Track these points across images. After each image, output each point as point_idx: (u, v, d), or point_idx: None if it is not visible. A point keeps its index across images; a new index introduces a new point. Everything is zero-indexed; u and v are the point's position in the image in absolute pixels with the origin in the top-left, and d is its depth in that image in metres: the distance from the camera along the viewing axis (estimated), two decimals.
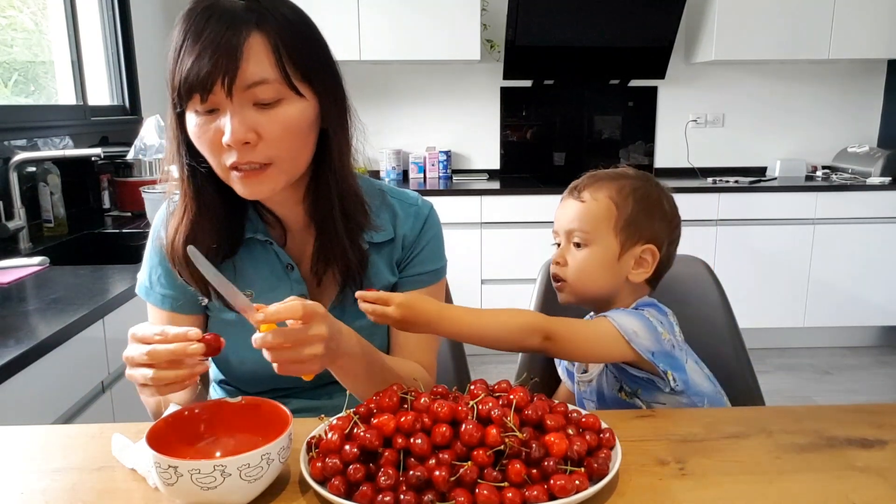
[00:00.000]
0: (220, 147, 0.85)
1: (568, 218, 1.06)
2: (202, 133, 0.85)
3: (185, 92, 0.82)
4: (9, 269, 1.75)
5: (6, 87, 2.40)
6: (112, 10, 2.92)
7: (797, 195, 3.33)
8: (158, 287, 1.01)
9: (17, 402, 1.20)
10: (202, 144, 0.86)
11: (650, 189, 1.07)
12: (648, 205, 1.05)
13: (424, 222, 1.06)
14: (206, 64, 0.80)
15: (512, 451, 0.70)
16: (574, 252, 1.05)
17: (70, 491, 0.76)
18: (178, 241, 0.93)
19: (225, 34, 0.81)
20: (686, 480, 0.76)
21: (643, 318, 0.98)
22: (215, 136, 0.84)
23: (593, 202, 1.04)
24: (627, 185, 1.05)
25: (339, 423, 0.76)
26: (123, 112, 3.01)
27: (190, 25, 0.82)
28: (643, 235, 1.04)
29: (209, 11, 0.82)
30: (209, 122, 0.84)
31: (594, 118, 3.86)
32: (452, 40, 3.35)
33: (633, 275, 1.05)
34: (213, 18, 0.81)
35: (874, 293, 3.42)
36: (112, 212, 2.67)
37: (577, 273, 1.04)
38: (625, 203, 1.04)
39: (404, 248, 1.05)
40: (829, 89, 3.81)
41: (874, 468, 0.79)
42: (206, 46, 0.80)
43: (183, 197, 0.93)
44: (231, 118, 0.82)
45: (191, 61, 0.80)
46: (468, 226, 3.29)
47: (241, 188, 0.89)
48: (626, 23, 3.49)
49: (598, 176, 1.08)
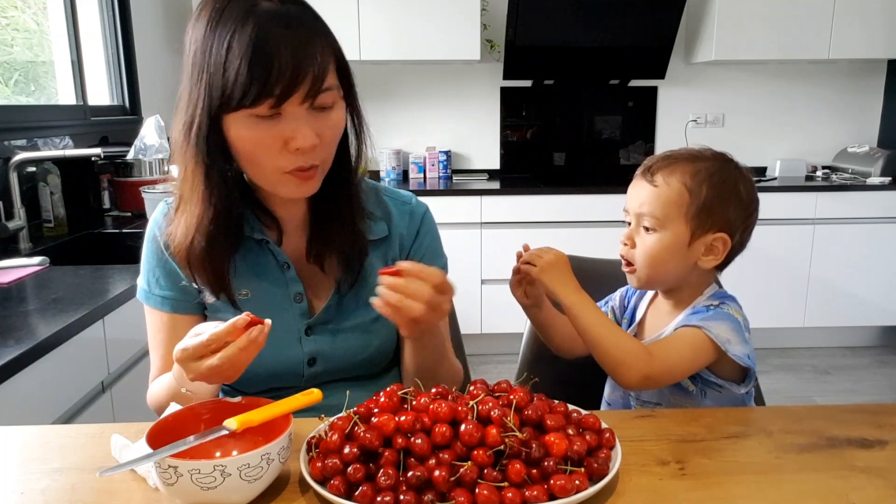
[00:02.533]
0: (279, 151, 0.86)
1: (639, 200, 1.02)
2: (262, 137, 0.85)
3: (261, 97, 0.80)
4: (9, 269, 1.75)
5: (6, 87, 2.40)
6: (112, 10, 2.92)
7: (797, 195, 3.33)
8: (157, 289, 1.01)
9: (17, 402, 1.20)
10: (259, 148, 0.86)
11: (727, 173, 1.02)
12: (723, 191, 1.01)
13: (421, 222, 1.08)
14: (293, 73, 0.81)
15: (512, 451, 0.70)
16: (643, 235, 1.03)
17: (70, 491, 0.76)
18: (196, 243, 0.92)
19: (307, 43, 0.82)
20: (686, 480, 0.76)
21: (733, 321, 0.99)
22: (277, 140, 0.85)
23: (665, 187, 1.00)
24: (703, 168, 1.01)
25: (339, 423, 0.76)
26: (123, 112, 3.01)
27: (259, 27, 0.80)
28: (716, 223, 1.01)
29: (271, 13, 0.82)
30: (270, 127, 0.84)
31: (594, 118, 3.86)
32: (452, 40, 3.35)
33: (702, 261, 1.03)
34: (284, 24, 0.82)
35: (874, 293, 3.42)
36: (112, 212, 2.67)
37: (645, 258, 1.02)
38: (699, 189, 1.00)
39: (402, 247, 1.06)
40: (829, 89, 3.81)
41: (874, 468, 0.79)
42: (291, 55, 0.80)
43: (203, 201, 0.90)
44: (303, 123, 0.84)
45: (276, 69, 0.80)
46: (468, 226, 3.29)
47: (294, 189, 0.91)
48: (626, 23, 3.49)
49: (673, 157, 1.03)
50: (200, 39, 0.83)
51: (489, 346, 3.38)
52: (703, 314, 1.00)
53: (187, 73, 0.86)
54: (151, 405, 1.02)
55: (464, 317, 2.44)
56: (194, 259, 0.93)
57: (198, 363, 0.78)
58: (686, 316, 1.03)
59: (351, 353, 1.03)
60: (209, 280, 0.95)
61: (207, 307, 1.02)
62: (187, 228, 0.92)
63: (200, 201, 0.90)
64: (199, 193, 0.90)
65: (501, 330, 3.33)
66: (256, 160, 0.87)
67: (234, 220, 0.94)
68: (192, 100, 0.85)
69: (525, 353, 1.30)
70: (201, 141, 0.86)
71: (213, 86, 0.82)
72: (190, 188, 0.90)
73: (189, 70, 0.85)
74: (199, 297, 1.01)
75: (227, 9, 0.82)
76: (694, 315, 1.01)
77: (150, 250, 1.02)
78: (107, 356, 1.52)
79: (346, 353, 1.02)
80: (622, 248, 1.05)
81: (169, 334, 1.00)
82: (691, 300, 1.06)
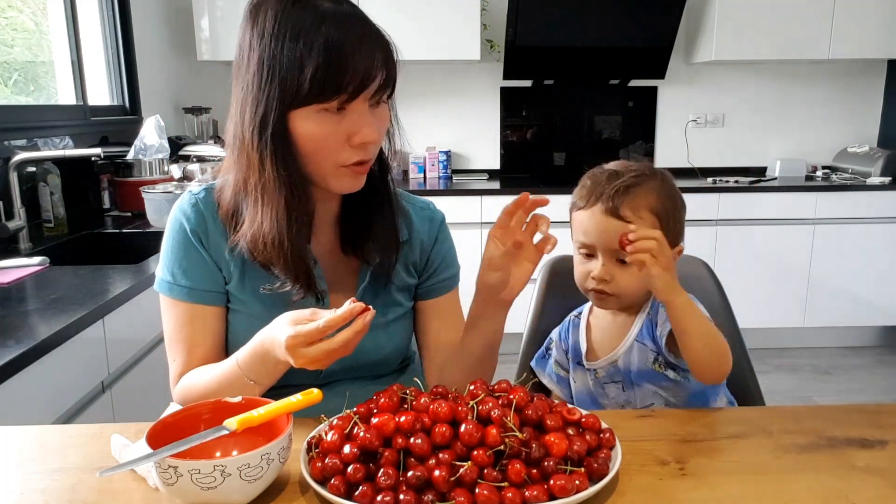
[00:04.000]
0: (342, 145, 0.89)
1: (612, 237, 0.99)
2: (330, 132, 0.88)
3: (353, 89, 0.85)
4: (9, 269, 1.75)
5: (6, 87, 2.40)
6: (112, 10, 2.92)
7: (797, 195, 3.33)
8: (183, 280, 0.98)
9: (17, 402, 1.20)
10: (324, 143, 0.88)
11: (672, 186, 1.07)
12: (677, 205, 1.06)
13: (439, 229, 1.11)
14: (364, 70, 0.85)
15: (512, 451, 0.70)
16: (621, 269, 1.03)
17: (70, 491, 0.76)
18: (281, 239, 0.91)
19: (380, 39, 0.89)
20: (686, 480, 0.76)
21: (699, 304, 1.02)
22: (341, 134, 0.88)
23: (639, 220, 1.01)
24: (658, 188, 1.04)
25: (339, 423, 0.76)
26: (123, 112, 3.01)
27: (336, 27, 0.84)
28: (674, 236, 1.04)
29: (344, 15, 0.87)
30: (337, 121, 0.88)
31: (594, 118, 3.86)
32: (452, 40, 3.35)
33: None
34: (359, 21, 0.88)
35: (874, 293, 3.42)
36: (112, 212, 2.67)
37: (627, 288, 1.04)
38: (664, 211, 1.03)
39: (422, 252, 1.09)
40: (829, 89, 3.81)
41: (874, 468, 0.79)
42: (373, 45, 0.87)
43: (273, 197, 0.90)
44: (371, 118, 0.89)
45: (353, 64, 0.84)
46: (468, 226, 3.28)
47: (348, 183, 0.93)
48: (626, 23, 3.49)
49: (628, 186, 1.03)
50: (267, 39, 0.85)
51: None
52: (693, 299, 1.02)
53: (252, 73, 0.87)
54: (187, 401, 0.97)
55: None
56: (283, 253, 0.92)
57: (309, 349, 0.79)
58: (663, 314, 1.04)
59: (368, 353, 1.03)
60: (296, 271, 0.94)
61: (231, 299, 1.00)
62: (272, 221, 0.91)
63: (281, 194, 0.90)
64: (280, 185, 0.90)
65: None
66: (320, 153, 0.89)
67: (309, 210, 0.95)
68: (262, 97, 0.87)
69: (525, 353, 1.30)
70: (276, 135, 0.87)
71: (288, 82, 0.85)
72: (268, 182, 0.90)
73: (255, 69, 0.87)
74: (224, 287, 0.99)
75: (290, 10, 0.85)
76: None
77: (177, 241, 0.99)
78: (107, 356, 1.52)
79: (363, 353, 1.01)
80: (599, 284, 1.04)
81: (196, 326, 0.98)
82: (640, 306, 1.09)
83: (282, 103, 0.86)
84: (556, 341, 1.20)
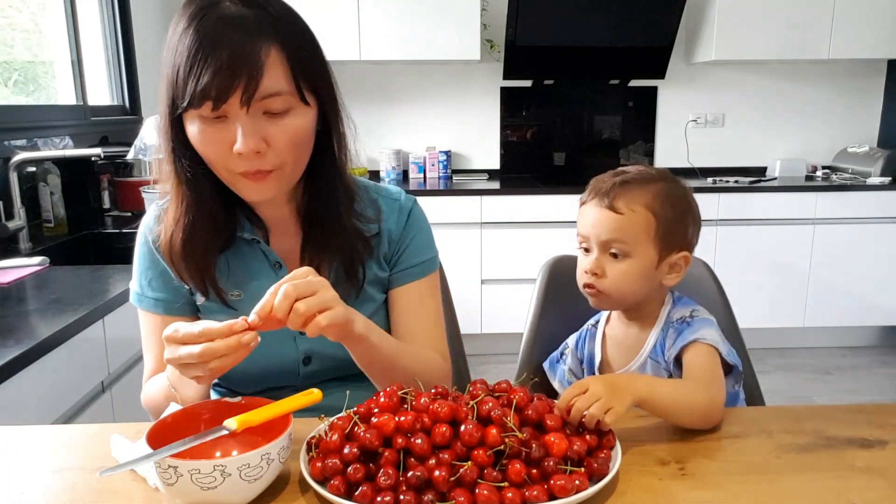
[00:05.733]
0: (227, 153, 0.86)
1: (604, 228, 1.02)
2: (208, 139, 0.86)
3: (197, 99, 0.82)
4: (9, 269, 1.75)
5: (6, 87, 2.40)
6: (112, 10, 2.92)
7: (797, 195, 3.33)
8: (150, 291, 1.01)
9: (17, 402, 1.20)
10: (207, 150, 0.87)
11: (679, 191, 1.05)
12: (681, 210, 1.04)
13: (408, 216, 1.08)
14: (226, 75, 0.81)
15: (512, 451, 0.70)
16: (613, 263, 1.03)
17: (70, 491, 0.76)
18: (175, 240, 0.94)
19: (245, 45, 0.81)
20: (686, 480, 0.76)
21: (713, 324, 1.01)
22: (223, 142, 0.85)
23: (631, 213, 1.01)
24: (660, 190, 1.03)
25: (339, 423, 0.76)
26: (123, 112, 3.01)
27: (204, 29, 0.81)
28: (678, 242, 1.04)
29: (221, 17, 0.82)
30: (216, 129, 0.85)
31: (594, 118, 3.86)
32: (452, 40, 3.35)
33: (667, 279, 1.05)
34: (229, 26, 0.82)
35: (874, 293, 3.42)
36: (112, 212, 2.67)
37: (617, 285, 1.03)
38: (662, 212, 1.01)
39: (390, 242, 1.06)
40: (829, 89, 3.81)
41: (874, 468, 0.79)
42: (227, 56, 0.80)
43: (179, 197, 0.93)
44: (243, 128, 0.84)
45: (210, 70, 0.80)
46: (468, 226, 3.28)
47: (248, 192, 0.91)
48: (626, 23, 3.48)
49: (626, 181, 1.03)
50: (169, 40, 0.86)
51: (489, 346, 3.38)
52: (689, 329, 1.01)
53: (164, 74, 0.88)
54: (146, 406, 1.02)
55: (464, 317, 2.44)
56: (176, 254, 0.95)
57: (177, 347, 0.77)
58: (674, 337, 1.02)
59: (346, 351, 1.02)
60: (192, 276, 0.96)
61: (200, 309, 1.02)
62: (168, 224, 0.95)
63: (176, 197, 0.94)
64: (175, 189, 0.93)
65: (501, 330, 3.33)
66: (209, 160, 0.89)
67: (212, 217, 0.95)
68: (160, 99, 0.88)
69: (525, 353, 1.30)
70: (167, 139, 0.90)
71: (170, 86, 0.85)
72: (169, 186, 0.94)
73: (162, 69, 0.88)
74: (191, 297, 1.01)
75: (190, 11, 0.84)
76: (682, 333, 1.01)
77: (142, 253, 1.03)
78: (107, 356, 1.52)
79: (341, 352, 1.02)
80: (589, 278, 1.04)
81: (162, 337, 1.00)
82: (654, 318, 1.08)
83: (171, 108, 0.86)
84: (572, 349, 1.20)
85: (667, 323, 1.06)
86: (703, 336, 0.98)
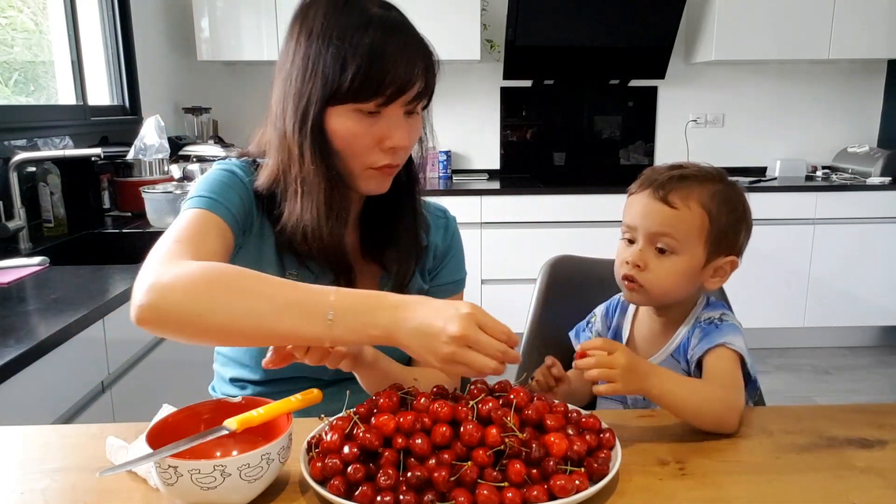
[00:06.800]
0: (373, 147, 0.91)
1: (654, 220, 0.98)
2: (362, 132, 0.90)
3: (391, 93, 0.87)
4: (9, 269, 1.75)
5: (6, 87, 2.40)
6: (112, 10, 2.92)
7: (797, 195, 3.33)
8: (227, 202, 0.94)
9: (17, 402, 1.20)
10: (357, 142, 0.91)
11: (737, 196, 1.02)
12: (737, 216, 1.01)
13: (453, 236, 1.13)
14: (416, 71, 0.88)
15: (512, 451, 0.70)
16: (657, 258, 0.99)
17: (70, 491, 0.76)
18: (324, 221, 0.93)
19: (423, 49, 0.92)
20: (686, 480, 0.76)
21: (740, 332, 0.99)
22: (373, 136, 0.91)
23: (686, 210, 0.97)
24: (718, 192, 0.99)
25: (339, 423, 0.76)
26: (123, 112, 3.01)
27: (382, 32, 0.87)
28: (728, 246, 1.01)
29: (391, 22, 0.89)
30: (370, 123, 0.90)
31: (594, 118, 3.86)
32: (452, 40, 3.34)
33: (710, 282, 1.02)
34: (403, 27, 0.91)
35: (874, 293, 3.42)
36: (112, 212, 2.67)
37: (660, 280, 0.99)
38: (718, 214, 0.98)
39: (435, 257, 1.10)
40: (829, 89, 3.81)
41: (874, 468, 0.79)
42: (415, 54, 0.89)
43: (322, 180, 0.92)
44: (404, 125, 0.92)
45: (393, 71, 0.87)
46: (468, 226, 3.28)
47: (375, 185, 0.96)
48: (626, 23, 3.48)
49: (683, 176, 1.00)
50: (314, 37, 0.89)
51: None
52: (716, 331, 0.98)
53: (298, 67, 0.90)
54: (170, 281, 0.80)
55: None
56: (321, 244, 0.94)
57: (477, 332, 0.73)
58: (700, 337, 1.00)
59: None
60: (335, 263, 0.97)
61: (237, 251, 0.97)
62: (312, 213, 0.93)
63: (321, 187, 0.93)
64: (320, 179, 0.92)
65: None
66: (351, 152, 0.92)
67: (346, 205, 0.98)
68: (304, 90, 0.90)
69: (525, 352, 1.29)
70: (316, 129, 0.91)
71: (329, 78, 0.87)
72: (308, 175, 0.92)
73: (301, 64, 0.90)
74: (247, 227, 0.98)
75: (339, 11, 0.89)
76: (709, 335, 0.98)
77: (230, 179, 0.97)
78: (107, 356, 1.52)
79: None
80: (630, 270, 1.00)
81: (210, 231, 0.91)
82: (684, 315, 1.05)
83: (322, 98, 0.89)
84: (601, 315, 1.16)
85: (695, 323, 1.03)
86: (729, 341, 0.96)
